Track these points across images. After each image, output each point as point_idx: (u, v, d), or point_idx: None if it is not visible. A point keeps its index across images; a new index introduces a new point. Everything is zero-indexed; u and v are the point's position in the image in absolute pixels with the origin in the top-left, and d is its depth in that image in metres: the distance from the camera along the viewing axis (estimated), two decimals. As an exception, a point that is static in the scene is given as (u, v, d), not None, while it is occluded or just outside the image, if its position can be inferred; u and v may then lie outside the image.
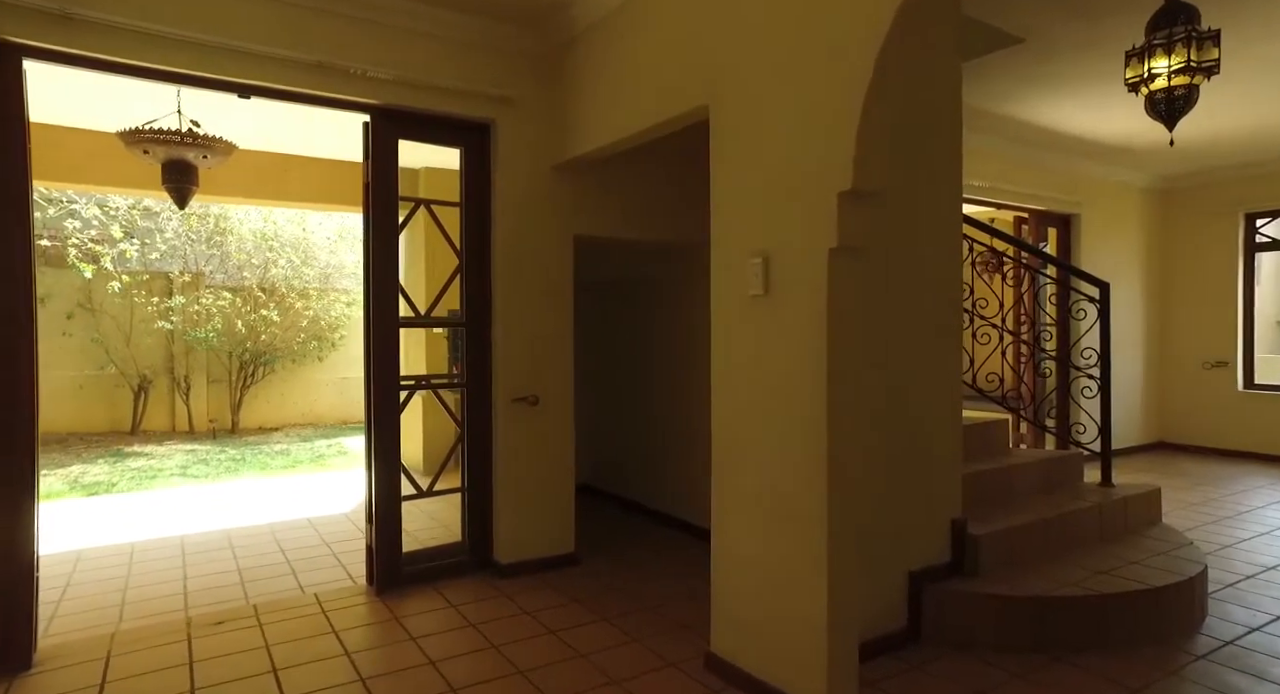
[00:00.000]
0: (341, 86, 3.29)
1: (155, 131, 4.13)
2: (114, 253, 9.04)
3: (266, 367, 10.15)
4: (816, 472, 2.30)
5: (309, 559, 4.27)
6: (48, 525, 5.19)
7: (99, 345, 9.24)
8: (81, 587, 3.89)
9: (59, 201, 8.81)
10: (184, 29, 2.93)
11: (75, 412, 9.31)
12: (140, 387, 9.51)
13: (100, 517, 5.45)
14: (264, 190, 5.77)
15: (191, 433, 9.72)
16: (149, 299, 9.40)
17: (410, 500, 3.78)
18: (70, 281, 9.13)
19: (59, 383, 9.20)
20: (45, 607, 3.58)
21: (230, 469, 7.65)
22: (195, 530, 4.97)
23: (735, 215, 2.64)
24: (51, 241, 9.27)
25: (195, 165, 4.41)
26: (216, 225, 9.87)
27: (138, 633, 3.21)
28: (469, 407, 3.89)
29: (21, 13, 2.71)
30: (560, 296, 3.97)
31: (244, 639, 3.09)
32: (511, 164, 3.78)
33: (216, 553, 4.43)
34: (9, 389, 2.81)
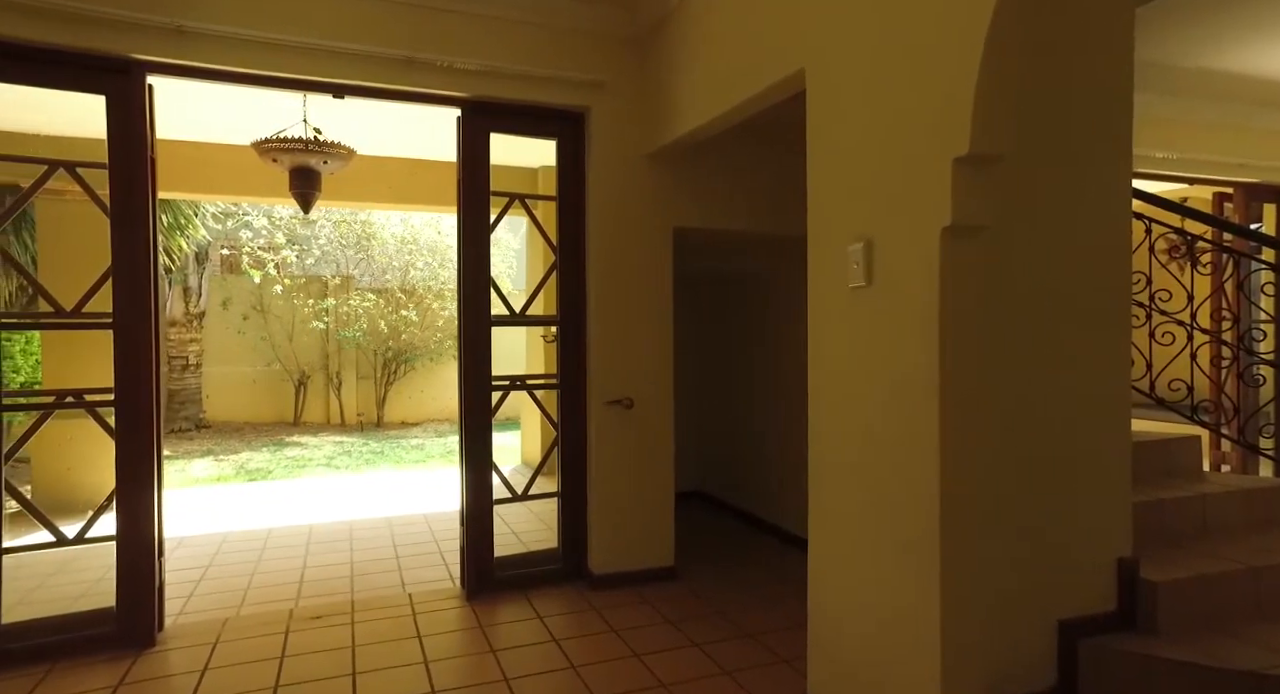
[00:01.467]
0: (430, 81, 3.24)
1: (281, 140, 4.32)
2: (278, 259, 9.90)
3: (407, 364, 10.71)
4: (927, 491, 1.89)
5: (416, 556, 4.31)
6: (209, 507, 5.66)
7: (267, 343, 10.15)
8: (220, 568, 4.15)
9: (235, 214, 9.75)
10: (278, 32, 2.97)
11: (248, 403, 10.28)
12: (300, 381, 10.35)
13: (253, 501, 5.89)
14: (388, 193, 5.98)
15: (343, 426, 10.45)
16: (305, 301, 10.21)
17: (503, 504, 3.69)
18: (244, 286, 10.11)
19: (236, 378, 10.21)
20: (186, 585, 3.84)
21: (369, 461, 8.09)
22: (324, 520, 5.21)
23: (833, 195, 2.27)
24: (230, 251, 10.31)
25: (318, 171, 4.59)
26: (363, 230, 10.54)
27: (248, 620, 3.32)
28: (564, 408, 3.74)
29: (143, 31, 2.85)
30: (658, 293, 3.72)
31: (335, 637, 3.11)
32: (605, 153, 3.59)
33: (337, 544, 4.59)
34: (133, 388, 2.97)
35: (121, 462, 2.98)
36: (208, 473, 7.39)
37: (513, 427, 9.10)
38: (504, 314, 3.74)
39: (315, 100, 4.43)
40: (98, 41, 2.81)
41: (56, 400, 3.07)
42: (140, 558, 3.00)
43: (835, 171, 2.26)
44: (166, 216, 7.24)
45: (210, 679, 2.75)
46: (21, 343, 7.49)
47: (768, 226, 3.86)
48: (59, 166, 3.00)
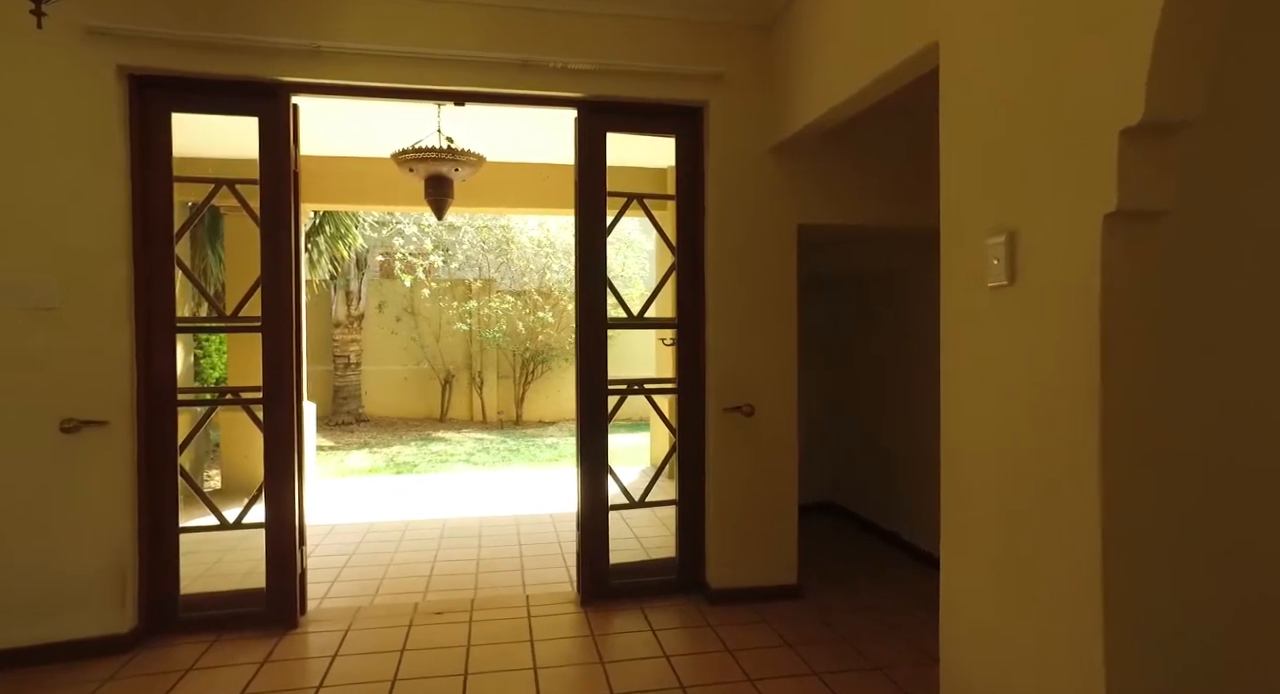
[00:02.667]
0: (545, 82, 3.23)
1: (416, 150, 4.53)
2: (426, 264, 10.53)
3: (544, 364, 11.04)
4: (1084, 524, 1.59)
5: (538, 557, 4.36)
6: (360, 497, 6.08)
7: (416, 343, 10.84)
8: (362, 556, 4.41)
9: (389, 223, 10.49)
10: (400, 46, 3.08)
11: (400, 400, 11.03)
12: (446, 380, 10.96)
13: (398, 493, 6.25)
14: (518, 198, 6.13)
15: (484, 423, 10.95)
16: (450, 303, 10.79)
17: (620, 510, 3.63)
18: (397, 290, 10.85)
19: (389, 376, 10.98)
20: (332, 571, 4.11)
21: (505, 459, 8.39)
22: (458, 515, 5.42)
23: (969, 182, 1.99)
24: (385, 257, 11.11)
25: (450, 178, 4.77)
26: (503, 235, 10.99)
27: (378, 610, 3.48)
28: (682, 414, 3.63)
29: (286, 55, 3.05)
30: (781, 295, 3.52)
31: (452, 635, 3.18)
32: (725, 148, 3.44)
33: (467, 540, 4.75)
34: (277, 386, 3.19)
35: (268, 454, 3.21)
36: (362, 464, 7.97)
37: (644, 427, 9.14)
38: (621, 317, 3.69)
39: (449, 111, 4.61)
40: (251, 68, 3.03)
41: (219, 397, 3.36)
42: (284, 546, 3.22)
43: (972, 155, 1.98)
44: (329, 227, 7.88)
45: (338, 665, 2.89)
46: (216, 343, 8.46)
47: (903, 220, 3.55)
48: (222, 184, 3.28)
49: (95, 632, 2.95)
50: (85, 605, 2.95)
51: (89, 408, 2.92)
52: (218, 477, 6.29)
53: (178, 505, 3.18)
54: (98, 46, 2.90)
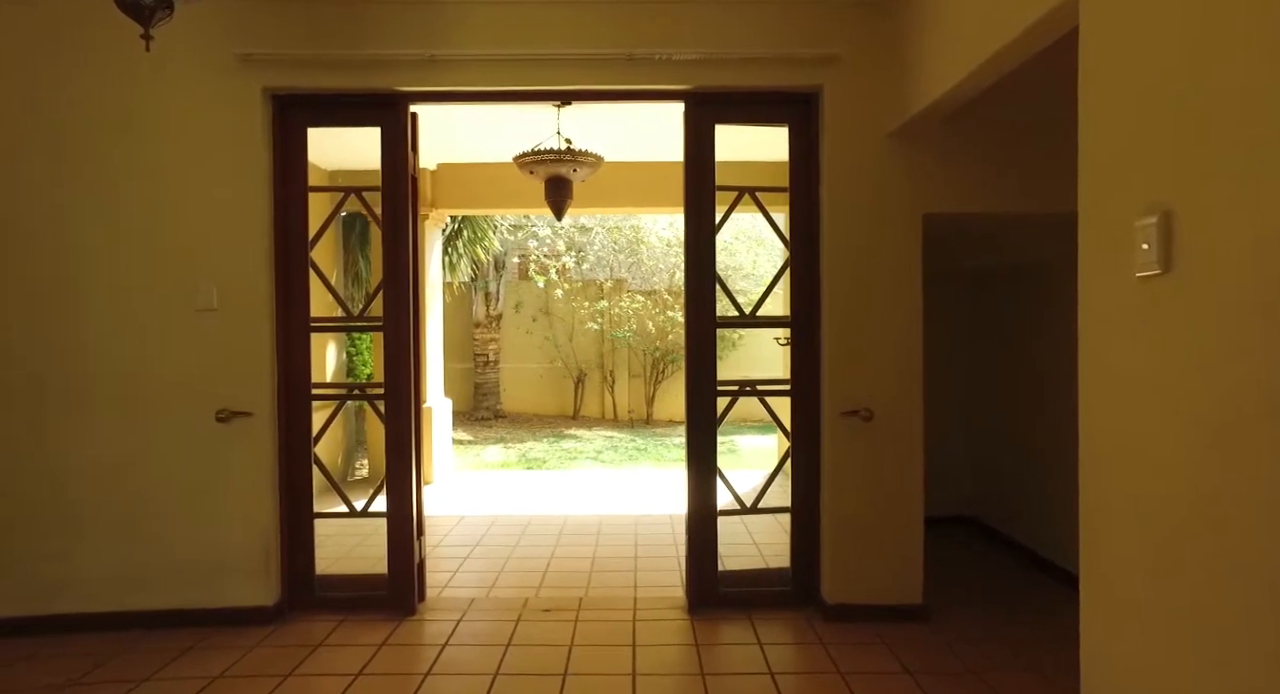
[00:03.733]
0: (650, 76, 3.17)
1: (535, 153, 4.63)
2: (559, 265, 10.84)
3: (674, 364, 11.03)
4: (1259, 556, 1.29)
5: (652, 558, 4.32)
6: (491, 490, 6.34)
7: (550, 342, 11.19)
8: (485, 548, 4.57)
9: (525, 226, 10.90)
10: (505, 48, 3.14)
11: (535, 397, 11.43)
12: (578, 378, 11.22)
13: (526, 488, 6.45)
14: (637, 197, 6.13)
15: (615, 421, 11.10)
16: (582, 303, 11.04)
17: (731, 515, 3.50)
18: (532, 290, 11.26)
19: (525, 374, 11.42)
20: (455, 561, 4.29)
21: (632, 458, 8.45)
22: (579, 512, 5.49)
23: (1112, 153, 1.69)
24: (521, 259, 11.56)
25: (569, 179, 4.84)
26: (633, 235, 11.09)
27: (491, 603, 3.58)
28: (797, 417, 3.44)
29: (404, 65, 3.19)
30: (904, 290, 3.24)
31: (557, 633, 3.19)
32: (841, 135, 3.21)
33: (585, 538, 4.79)
34: (396, 383, 3.35)
35: (389, 448, 3.38)
36: (496, 459, 8.32)
37: (770, 428, 8.90)
38: (733, 315, 3.56)
39: (571, 113, 4.68)
40: (373, 81, 3.21)
41: (347, 393, 3.59)
42: (404, 536, 3.38)
43: (1117, 120, 1.68)
44: (467, 231, 8.30)
45: (446, 654, 2.98)
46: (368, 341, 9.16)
47: (1045, 206, 3.15)
48: (350, 192, 3.51)
49: (246, 602, 3.24)
50: (237, 577, 3.24)
51: (238, 400, 3.21)
52: (366, 466, 6.79)
53: (312, 491, 3.42)
54: (247, 72, 3.17)
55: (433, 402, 6.47)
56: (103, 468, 3.21)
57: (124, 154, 3.19)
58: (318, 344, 6.02)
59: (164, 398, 3.21)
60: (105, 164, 3.19)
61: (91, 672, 2.85)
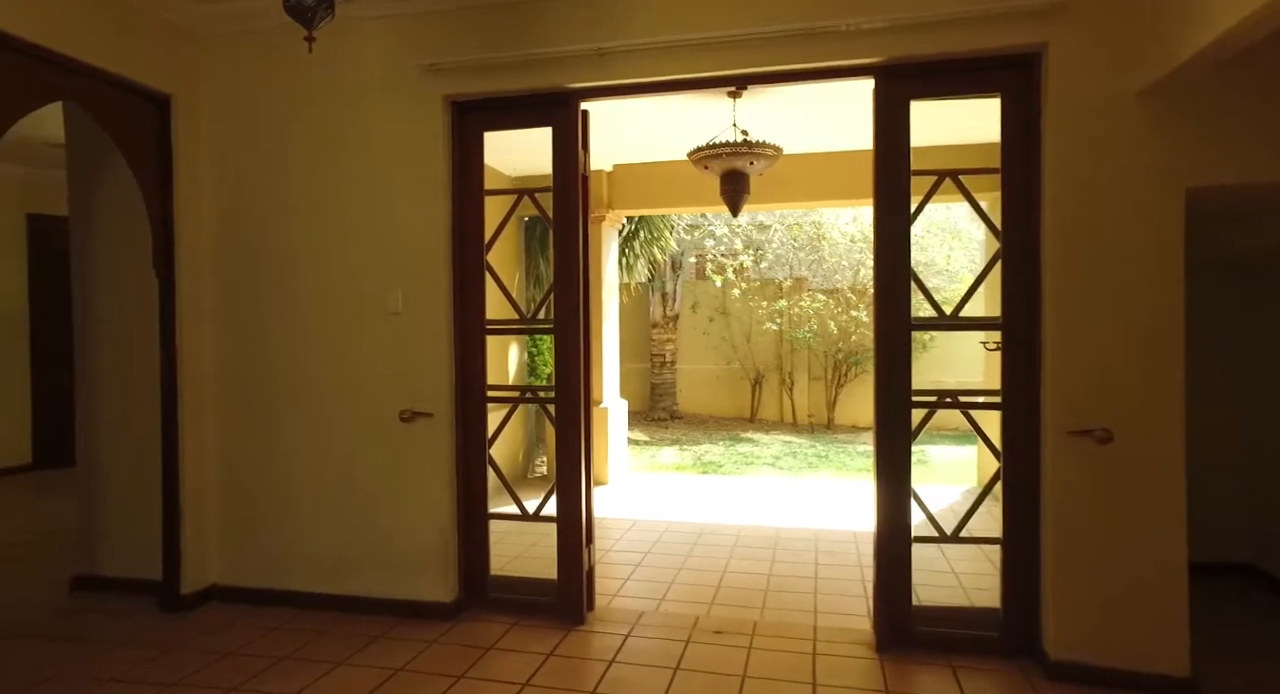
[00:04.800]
0: (833, 51, 2.84)
1: (710, 147, 4.43)
2: (736, 264, 10.59)
3: (858, 366, 10.36)
4: None
5: (835, 581, 3.95)
6: (664, 494, 6.25)
7: (727, 343, 10.97)
8: (657, 556, 4.45)
9: (701, 225, 10.77)
10: (678, 34, 2.95)
11: (711, 398, 11.26)
12: (756, 380, 10.90)
13: (700, 493, 6.29)
14: (816, 191, 5.72)
15: (794, 425, 10.65)
16: (760, 303, 10.69)
17: (927, 543, 3.07)
18: (709, 290, 11.10)
19: (702, 375, 11.30)
20: (626, 568, 4.21)
21: (812, 465, 8.00)
22: (754, 522, 5.22)
23: None
24: (697, 259, 11.44)
25: (745, 173, 4.58)
26: (814, 231, 10.55)
27: (661, 618, 3.42)
28: (1009, 433, 2.93)
29: (573, 62, 3.13)
30: (1159, 282, 2.63)
31: (729, 660, 2.96)
32: (1071, 99, 2.68)
33: (760, 551, 4.52)
34: (565, 386, 3.30)
35: (558, 451, 3.34)
36: (671, 461, 8.24)
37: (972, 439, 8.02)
38: (930, 317, 3.12)
39: (747, 104, 4.43)
40: (544, 80, 3.17)
41: (520, 395, 3.61)
42: (573, 542, 3.32)
43: None
44: (644, 232, 8.30)
45: (613, 672, 2.86)
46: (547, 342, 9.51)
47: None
48: (524, 194, 3.52)
49: (427, 596, 3.35)
50: (420, 572, 3.36)
51: (420, 400, 3.32)
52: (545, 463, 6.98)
53: (487, 492, 3.47)
54: (430, 81, 3.27)
55: (608, 402, 6.51)
56: (310, 461, 3.48)
57: (329, 169, 3.42)
58: (500, 345, 6.29)
59: (359, 398, 3.41)
60: (313, 179, 3.45)
61: (302, 648, 3.06)
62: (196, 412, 3.52)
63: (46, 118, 3.68)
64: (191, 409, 3.49)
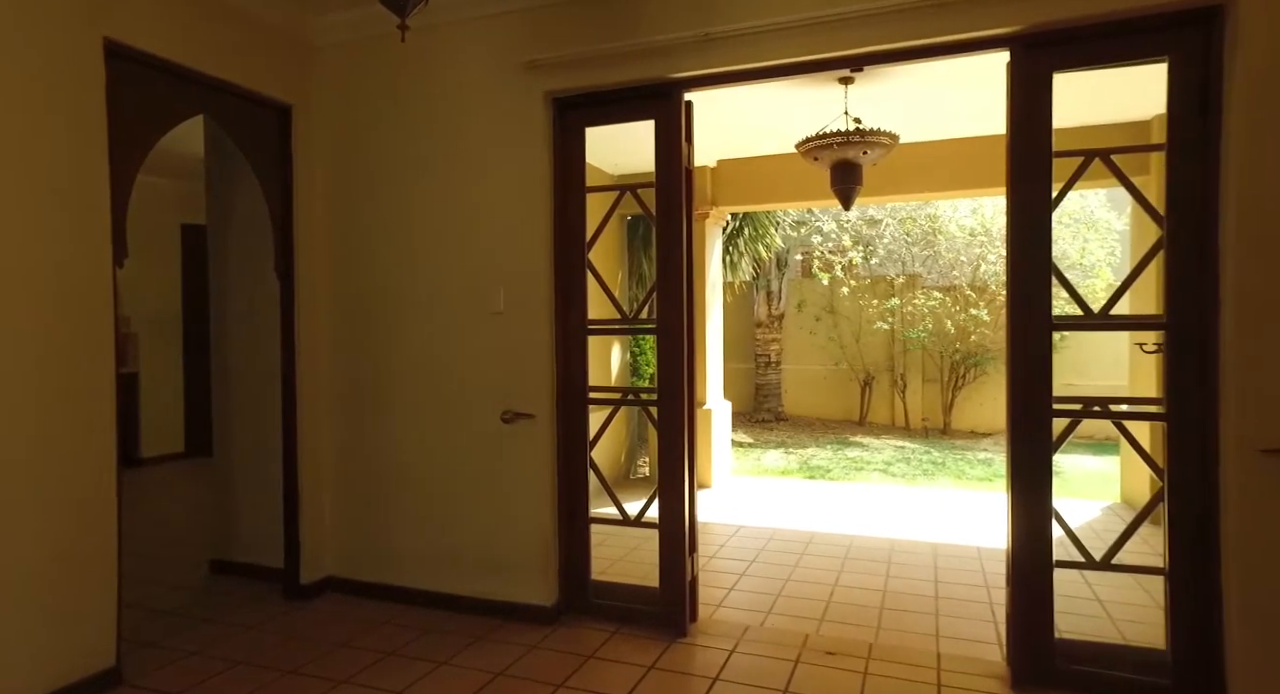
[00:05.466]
0: (964, 22, 2.56)
1: (819, 137, 4.20)
2: (844, 261, 10.15)
3: (978, 368, 9.70)
4: None
5: (959, 601, 3.64)
6: (770, 499, 6.03)
7: (835, 343, 10.54)
8: (762, 564, 4.27)
9: (808, 221, 10.39)
10: (791, 14, 2.76)
11: (818, 400, 10.87)
12: (865, 382, 10.41)
13: (807, 499, 6.03)
14: (942, 180, 5.33)
15: (906, 429, 10.09)
16: (870, 301, 10.19)
17: (1071, 568, 2.74)
18: (816, 288, 10.71)
19: (809, 375, 10.92)
20: (730, 577, 4.06)
21: (927, 472, 7.52)
22: (866, 532, 4.93)
23: None
24: (804, 256, 11.07)
25: (857, 164, 4.32)
26: (928, 225, 9.96)
27: (767, 634, 3.24)
28: (1174, 449, 2.56)
29: (676, 50, 3.01)
30: (1374, 273, 2.21)
31: (842, 685, 2.74)
32: (1267, 58, 2.29)
33: (874, 564, 4.24)
34: (668, 388, 3.18)
35: (661, 455, 3.22)
36: (776, 465, 7.98)
37: (1112, 448, 7.29)
38: (1073, 315, 2.78)
39: (856, 92, 4.17)
40: (647, 71, 3.07)
41: (622, 397, 3.53)
42: (675, 550, 3.20)
43: None
44: (748, 229, 8.08)
45: (717, 692, 2.72)
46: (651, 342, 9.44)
47: None
48: (625, 190, 3.43)
49: (528, 599, 3.32)
50: (521, 574, 3.34)
51: (521, 401, 3.30)
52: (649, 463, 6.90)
53: (588, 495, 3.41)
54: (532, 78, 3.24)
55: (712, 403, 6.35)
56: (415, 459, 3.53)
57: (433, 171, 3.47)
58: (603, 345, 6.26)
59: (461, 398, 3.43)
60: (418, 181, 3.50)
61: (408, 644, 3.10)
62: (313, 408, 3.65)
63: (195, 134, 3.95)
64: (308, 406, 3.63)
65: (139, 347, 7.10)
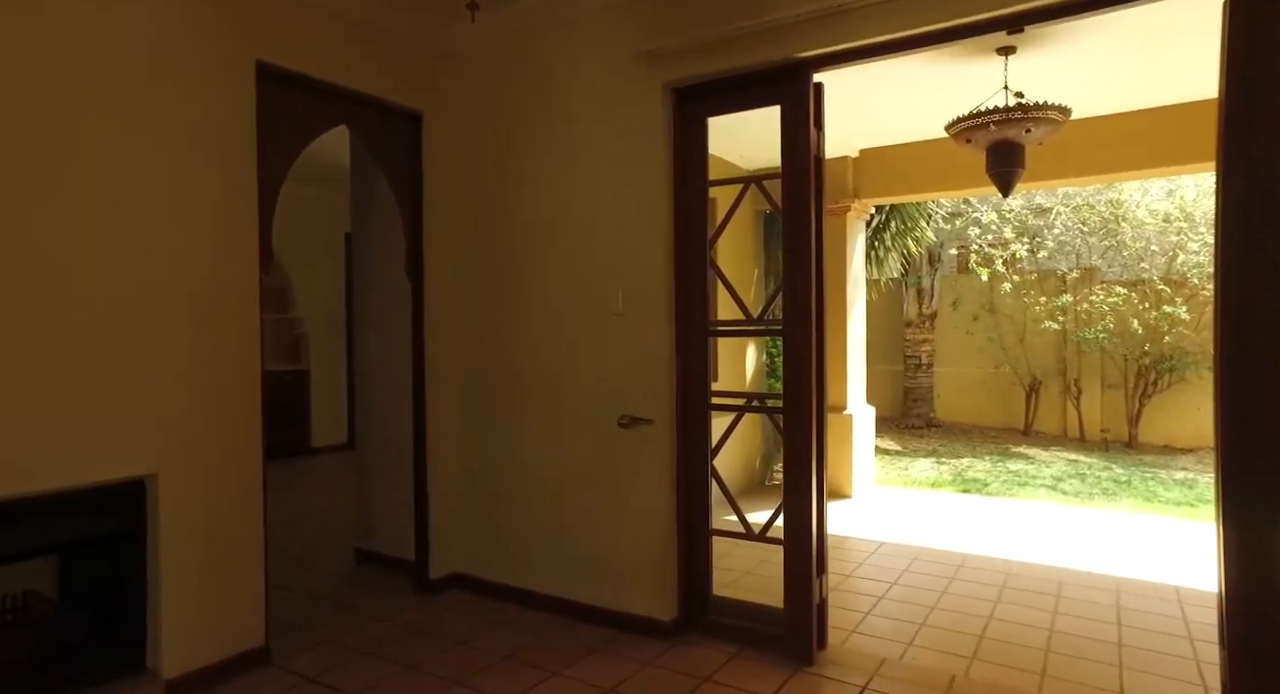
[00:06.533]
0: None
1: (973, 116, 3.74)
2: (1007, 255, 9.21)
3: (1173, 373, 8.45)
4: None
5: (1153, 653, 3.09)
6: (916, 513, 5.54)
7: (995, 344, 9.61)
8: (904, 588, 3.89)
9: (964, 212, 9.55)
10: (934, -29, 2.42)
11: (976, 405, 9.97)
12: (1031, 387, 9.40)
13: (960, 516, 5.48)
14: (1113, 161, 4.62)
15: (1081, 440, 9.00)
16: (1037, 298, 9.19)
17: (1303, 629, 2.19)
18: (973, 285, 9.82)
19: (964, 379, 10.05)
20: (867, 599, 3.73)
21: (1107, 492, 6.62)
22: (1028, 559, 4.37)
23: None
24: (959, 251, 10.19)
25: (1019, 144, 3.81)
26: (1109, 212, 8.81)
27: (907, 671, 2.91)
28: None
29: (802, 27, 2.76)
30: None
31: (995, 741, 2.38)
32: None
33: (1038, 597, 3.73)
34: (794, 393, 2.93)
35: (787, 467, 2.98)
36: (925, 475, 7.36)
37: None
38: (1310, 311, 2.22)
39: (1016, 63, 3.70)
40: (772, 52, 2.84)
41: (746, 403, 3.31)
42: (801, 570, 2.94)
43: None
44: (895, 222, 7.52)
45: (846, 733, 2.45)
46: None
47: None
48: (750, 182, 3.21)
49: (645, 611, 3.19)
50: (638, 585, 3.22)
51: (639, 406, 3.17)
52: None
53: (709, 505, 3.22)
54: (649, 69, 3.11)
55: (853, 408, 5.94)
56: (534, 462, 3.51)
57: (551, 170, 3.43)
58: (735, 347, 6.03)
59: (579, 402, 3.35)
60: (537, 181, 3.48)
61: (523, 649, 3.07)
62: (441, 408, 3.73)
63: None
64: (436, 405, 3.71)
65: (310, 345, 7.76)
